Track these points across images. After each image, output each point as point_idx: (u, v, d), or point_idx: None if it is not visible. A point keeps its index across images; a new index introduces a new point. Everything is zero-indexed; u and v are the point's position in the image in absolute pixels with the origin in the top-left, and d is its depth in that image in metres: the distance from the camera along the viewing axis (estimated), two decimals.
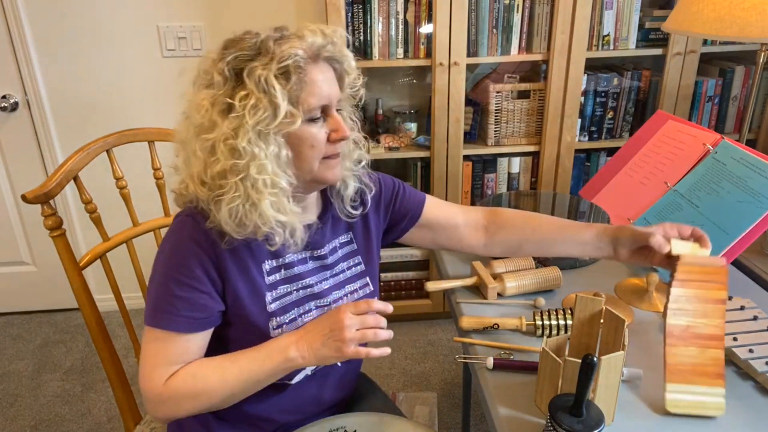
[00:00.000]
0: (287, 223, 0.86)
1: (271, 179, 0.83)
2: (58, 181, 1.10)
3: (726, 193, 1.14)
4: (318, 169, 0.89)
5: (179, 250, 0.87)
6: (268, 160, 0.83)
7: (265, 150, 0.82)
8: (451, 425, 1.88)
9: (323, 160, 0.89)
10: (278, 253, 0.93)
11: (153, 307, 0.87)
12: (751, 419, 0.83)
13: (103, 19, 2.08)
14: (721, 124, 2.19)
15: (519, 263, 1.19)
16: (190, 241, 0.86)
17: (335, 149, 0.89)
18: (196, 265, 0.86)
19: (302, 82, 0.83)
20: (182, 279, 0.86)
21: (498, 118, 2.08)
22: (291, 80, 0.81)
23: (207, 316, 0.88)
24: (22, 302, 2.53)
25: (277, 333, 0.92)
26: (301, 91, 0.83)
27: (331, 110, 0.88)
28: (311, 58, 0.84)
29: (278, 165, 0.84)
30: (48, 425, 1.92)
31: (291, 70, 0.81)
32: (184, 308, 0.86)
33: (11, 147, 2.24)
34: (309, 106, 0.84)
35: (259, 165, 0.82)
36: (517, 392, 0.90)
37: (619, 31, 2.02)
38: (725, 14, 1.32)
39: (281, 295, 0.94)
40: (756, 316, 1.01)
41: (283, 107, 0.81)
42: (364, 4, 1.91)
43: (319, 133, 0.87)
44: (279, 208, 0.85)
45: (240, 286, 0.89)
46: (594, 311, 0.88)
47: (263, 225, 0.84)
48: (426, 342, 2.29)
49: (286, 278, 0.95)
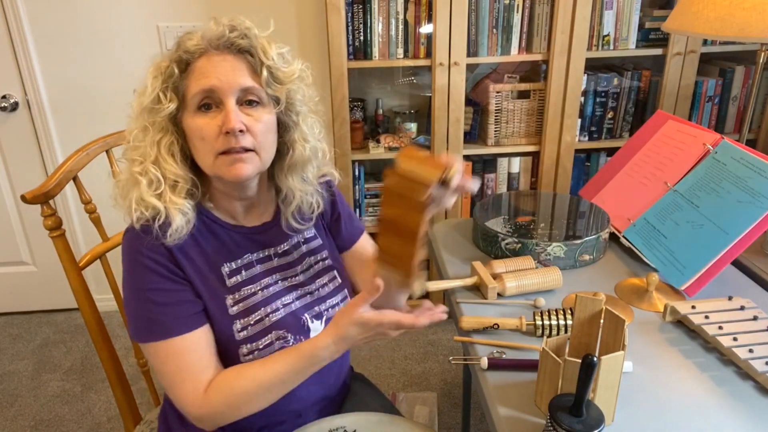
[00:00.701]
0: (161, 211, 0.85)
1: (143, 163, 0.86)
2: (58, 182, 1.10)
3: (726, 193, 1.14)
4: (215, 165, 0.85)
5: (137, 265, 0.87)
6: (147, 145, 0.86)
7: (144, 135, 0.86)
8: (451, 425, 1.88)
9: (221, 155, 0.85)
10: (234, 254, 0.94)
11: (144, 325, 0.86)
12: (751, 419, 0.83)
13: (103, 19, 2.08)
14: (721, 124, 2.19)
15: (519, 263, 1.19)
16: (138, 254, 0.87)
17: (229, 142, 0.83)
18: (158, 273, 0.87)
19: (186, 73, 0.85)
20: (154, 287, 0.86)
21: (498, 118, 2.08)
22: (168, 67, 0.84)
23: (197, 309, 0.88)
24: (22, 302, 2.53)
25: (243, 335, 0.91)
26: (185, 80, 0.85)
27: (225, 98, 0.83)
28: (204, 48, 0.85)
29: (163, 153, 0.86)
30: (48, 425, 1.92)
31: (175, 62, 0.85)
32: (172, 312, 0.86)
33: (11, 147, 2.24)
34: (192, 93, 0.84)
35: (141, 151, 0.86)
36: (517, 392, 0.90)
37: (619, 31, 2.02)
38: (725, 14, 1.32)
39: (245, 296, 0.93)
40: (756, 316, 1.01)
41: (151, 92, 0.84)
42: (364, 4, 1.91)
43: (207, 125, 0.84)
44: (156, 195, 0.86)
45: (201, 288, 0.90)
46: (594, 311, 0.88)
47: (137, 206, 0.85)
48: (426, 342, 2.29)
49: (248, 279, 0.94)
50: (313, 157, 0.96)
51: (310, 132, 0.95)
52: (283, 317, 0.95)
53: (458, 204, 2.18)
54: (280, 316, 0.94)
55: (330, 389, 1.07)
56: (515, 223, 1.32)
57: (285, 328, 0.94)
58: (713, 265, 1.08)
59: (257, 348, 0.91)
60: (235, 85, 0.83)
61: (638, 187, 1.34)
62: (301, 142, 0.93)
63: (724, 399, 0.87)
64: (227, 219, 0.96)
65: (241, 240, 0.95)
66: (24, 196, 1.05)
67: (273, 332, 0.93)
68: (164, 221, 0.85)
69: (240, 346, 0.91)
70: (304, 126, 0.93)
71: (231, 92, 0.83)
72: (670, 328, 1.04)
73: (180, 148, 0.88)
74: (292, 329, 0.94)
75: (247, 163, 0.85)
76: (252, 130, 0.85)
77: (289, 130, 0.92)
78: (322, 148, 0.98)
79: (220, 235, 0.94)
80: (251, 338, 0.91)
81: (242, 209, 0.96)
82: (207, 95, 0.84)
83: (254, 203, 0.97)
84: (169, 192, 0.86)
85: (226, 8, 2.09)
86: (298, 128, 0.92)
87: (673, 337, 1.02)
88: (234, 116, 0.82)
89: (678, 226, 1.18)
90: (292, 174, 0.95)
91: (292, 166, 0.94)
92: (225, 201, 0.94)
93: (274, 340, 0.93)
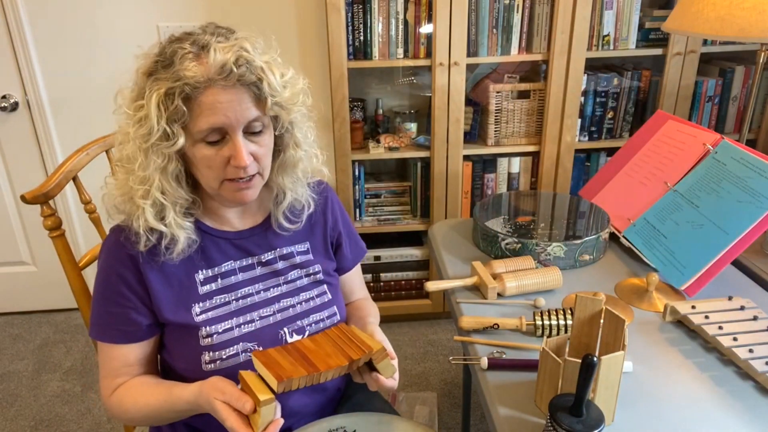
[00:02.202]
0: (165, 234, 0.88)
1: (151, 191, 0.85)
2: (58, 182, 1.10)
3: (726, 193, 1.14)
4: (221, 189, 0.88)
5: (105, 270, 0.92)
6: (150, 171, 0.84)
7: (147, 162, 0.83)
8: (451, 425, 1.88)
9: (227, 182, 0.87)
10: (213, 262, 0.95)
11: (93, 321, 0.93)
12: (751, 419, 0.83)
13: (103, 20, 2.08)
14: (721, 124, 2.19)
15: (519, 263, 1.19)
16: (112, 259, 0.91)
17: (237, 173, 0.85)
18: (120, 284, 0.90)
19: (191, 106, 0.81)
20: (111, 296, 0.91)
21: (498, 118, 2.08)
22: (175, 105, 0.80)
23: (136, 330, 0.92)
24: (22, 302, 2.53)
25: (207, 342, 0.92)
26: (190, 114, 0.81)
27: (233, 133, 0.84)
28: (207, 81, 0.80)
29: (166, 178, 0.85)
30: (48, 425, 1.92)
31: (175, 95, 0.80)
32: (115, 323, 0.91)
33: (11, 147, 2.24)
34: (199, 129, 0.82)
35: (141, 177, 0.84)
36: (517, 392, 0.90)
37: (619, 31, 2.02)
38: (725, 14, 1.32)
39: (215, 305, 0.94)
40: (756, 316, 1.01)
41: (158, 129, 0.81)
42: (364, 4, 1.91)
43: (215, 157, 0.84)
44: (159, 217, 0.87)
45: (163, 297, 0.91)
46: (594, 311, 0.88)
47: (138, 228, 0.86)
48: (426, 342, 2.29)
49: (223, 288, 0.95)
50: (306, 158, 0.97)
51: (304, 138, 0.96)
52: (258, 329, 0.95)
53: (458, 204, 2.18)
54: (252, 328, 0.95)
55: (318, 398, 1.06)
56: (515, 223, 1.32)
57: (256, 341, 0.94)
58: (713, 265, 1.08)
59: (219, 358, 0.92)
60: (243, 120, 0.84)
61: (638, 187, 1.34)
62: (294, 146, 0.95)
63: (724, 399, 0.87)
64: (214, 224, 0.96)
65: (224, 246, 0.96)
66: (24, 196, 1.05)
67: (240, 343, 0.93)
68: (169, 242, 0.89)
69: (202, 353, 0.92)
70: (299, 133, 0.94)
71: (239, 127, 0.84)
72: (670, 328, 1.04)
73: (182, 170, 0.89)
74: (265, 342, 0.94)
75: (252, 188, 0.89)
76: (257, 156, 0.87)
77: (284, 137, 0.93)
78: (314, 153, 0.99)
79: (203, 241, 0.94)
80: (214, 347, 0.92)
81: (234, 214, 0.98)
82: (215, 131, 0.83)
83: (247, 208, 0.99)
84: (173, 214, 0.88)
85: (226, 8, 2.09)
86: (293, 136, 0.94)
87: (673, 337, 1.02)
88: (244, 153, 0.84)
89: (678, 226, 1.18)
90: (284, 174, 0.96)
91: (284, 167, 0.96)
92: (218, 208, 0.96)
93: (240, 351, 0.93)
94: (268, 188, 0.99)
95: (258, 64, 0.83)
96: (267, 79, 0.83)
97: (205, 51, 0.81)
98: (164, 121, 0.81)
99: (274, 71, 0.85)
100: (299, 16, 2.12)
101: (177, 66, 0.80)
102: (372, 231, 2.21)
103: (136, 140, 0.83)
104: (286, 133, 0.93)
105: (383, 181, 2.28)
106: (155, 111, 0.80)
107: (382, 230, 2.22)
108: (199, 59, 0.81)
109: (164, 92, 0.80)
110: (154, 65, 0.83)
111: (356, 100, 2.15)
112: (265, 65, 0.84)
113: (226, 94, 0.81)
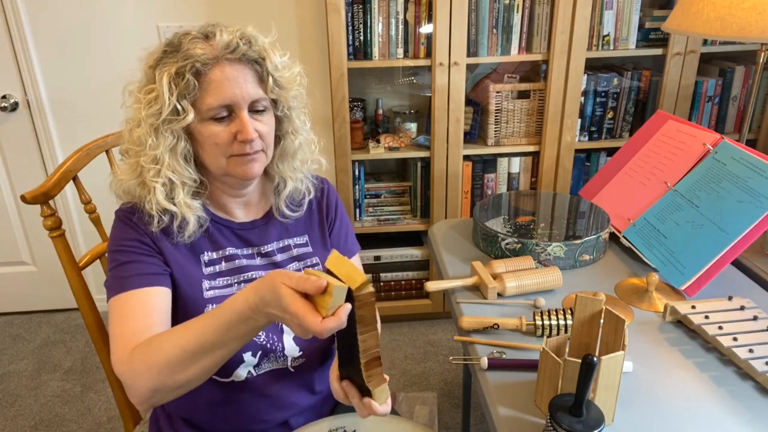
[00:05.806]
0: (177, 214, 0.91)
1: (162, 170, 0.88)
2: (57, 182, 1.10)
3: (726, 193, 1.13)
4: (227, 165, 0.92)
5: (118, 232, 0.93)
6: (161, 150, 0.88)
7: (158, 141, 0.88)
8: (451, 425, 1.88)
9: (233, 157, 0.91)
10: (218, 245, 0.97)
11: (108, 285, 0.90)
12: (751, 419, 0.83)
13: (103, 20, 2.08)
14: (721, 124, 2.19)
15: (519, 263, 1.19)
16: (124, 224, 0.92)
17: (243, 148, 0.90)
18: (134, 237, 0.91)
19: (200, 83, 0.86)
20: (125, 248, 0.90)
21: (498, 118, 2.08)
22: (185, 80, 0.85)
23: (157, 271, 0.90)
24: (22, 302, 2.53)
25: None
26: (199, 91, 0.87)
27: (239, 110, 0.89)
28: (215, 58, 0.86)
29: (175, 157, 0.89)
30: (48, 425, 1.92)
31: (186, 71, 0.85)
32: (133, 269, 0.89)
33: (11, 147, 2.24)
34: (208, 106, 0.87)
35: (152, 156, 0.88)
36: (517, 392, 0.90)
37: (619, 31, 2.02)
38: (725, 14, 1.32)
39: (220, 286, 0.96)
40: (756, 316, 1.00)
41: (169, 104, 0.85)
42: (364, 4, 1.91)
43: (222, 132, 0.89)
44: (169, 197, 0.90)
45: (176, 268, 0.93)
46: (594, 311, 0.88)
47: (151, 209, 0.89)
48: (426, 342, 2.29)
49: (227, 270, 0.97)
50: (305, 145, 1.02)
51: (302, 125, 1.01)
52: None
53: (458, 204, 2.18)
54: None
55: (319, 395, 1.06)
56: (515, 223, 1.32)
57: None
58: (713, 265, 1.08)
59: None
60: (248, 98, 0.89)
61: (638, 187, 1.34)
62: (294, 133, 1.00)
63: (724, 399, 0.87)
64: (220, 213, 1.00)
65: (228, 234, 1.00)
66: (24, 196, 1.06)
67: None
68: (181, 222, 0.91)
69: None
70: (297, 119, 0.99)
71: (245, 104, 0.89)
72: (670, 328, 1.04)
73: (190, 151, 0.93)
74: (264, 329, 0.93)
75: (257, 162, 0.93)
76: (262, 134, 0.92)
77: (282, 123, 0.99)
78: (312, 139, 1.04)
79: (209, 227, 0.97)
80: None
81: (237, 206, 1.01)
82: (224, 108, 0.88)
83: (250, 200, 1.02)
84: (183, 194, 0.91)
85: (226, 9, 2.09)
86: (291, 122, 0.99)
87: (673, 337, 1.02)
88: (251, 128, 0.89)
89: (678, 226, 1.18)
90: (284, 161, 1.01)
91: (284, 155, 1.00)
92: (222, 197, 0.99)
93: None
94: (269, 178, 1.04)
95: (261, 43, 0.91)
96: (269, 57, 0.90)
97: (212, 34, 0.88)
98: (175, 97, 0.85)
99: (275, 51, 0.92)
100: (299, 16, 2.12)
101: (186, 48, 0.86)
102: (372, 231, 2.21)
103: (148, 119, 0.87)
104: (285, 118, 0.98)
105: (383, 181, 2.28)
106: (167, 88, 0.85)
107: (382, 230, 2.22)
108: (206, 40, 0.88)
109: (175, 71, 0.85)
110: (162, 54, 0.89)
111: (356, 100, 2.15)
112: (267, 44, 0.92)
113: (233, 69, 0.87)
